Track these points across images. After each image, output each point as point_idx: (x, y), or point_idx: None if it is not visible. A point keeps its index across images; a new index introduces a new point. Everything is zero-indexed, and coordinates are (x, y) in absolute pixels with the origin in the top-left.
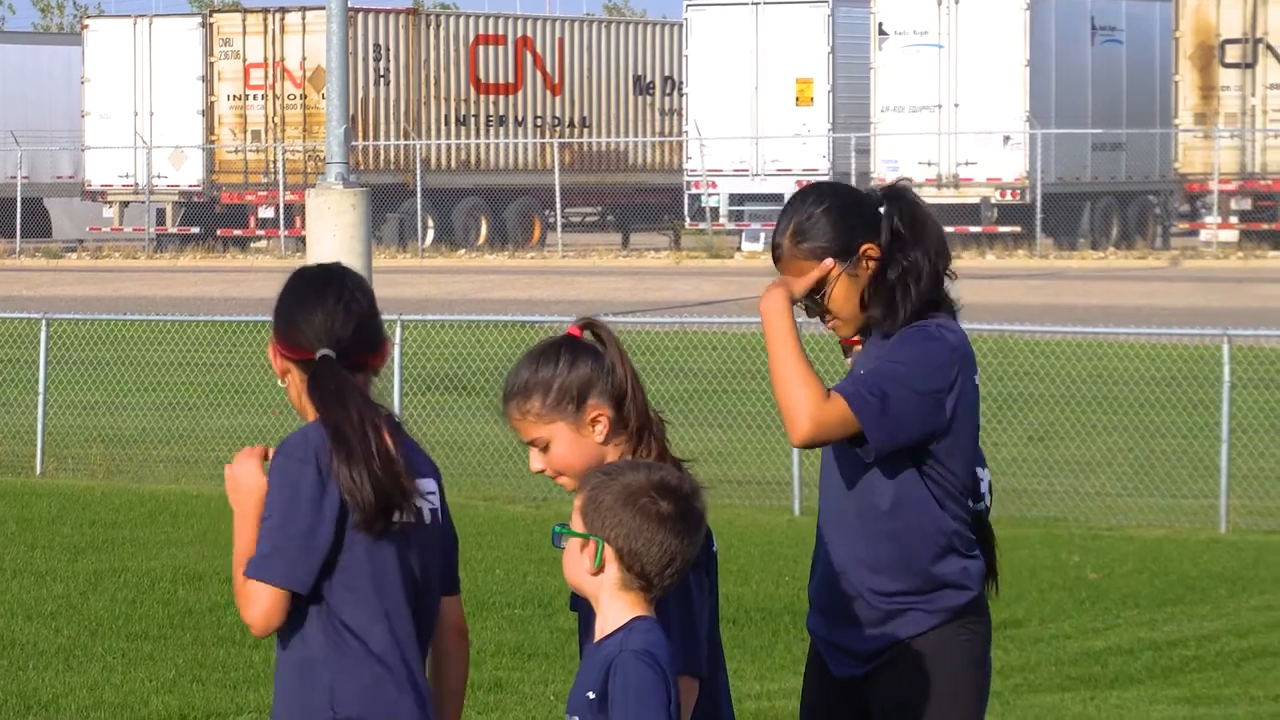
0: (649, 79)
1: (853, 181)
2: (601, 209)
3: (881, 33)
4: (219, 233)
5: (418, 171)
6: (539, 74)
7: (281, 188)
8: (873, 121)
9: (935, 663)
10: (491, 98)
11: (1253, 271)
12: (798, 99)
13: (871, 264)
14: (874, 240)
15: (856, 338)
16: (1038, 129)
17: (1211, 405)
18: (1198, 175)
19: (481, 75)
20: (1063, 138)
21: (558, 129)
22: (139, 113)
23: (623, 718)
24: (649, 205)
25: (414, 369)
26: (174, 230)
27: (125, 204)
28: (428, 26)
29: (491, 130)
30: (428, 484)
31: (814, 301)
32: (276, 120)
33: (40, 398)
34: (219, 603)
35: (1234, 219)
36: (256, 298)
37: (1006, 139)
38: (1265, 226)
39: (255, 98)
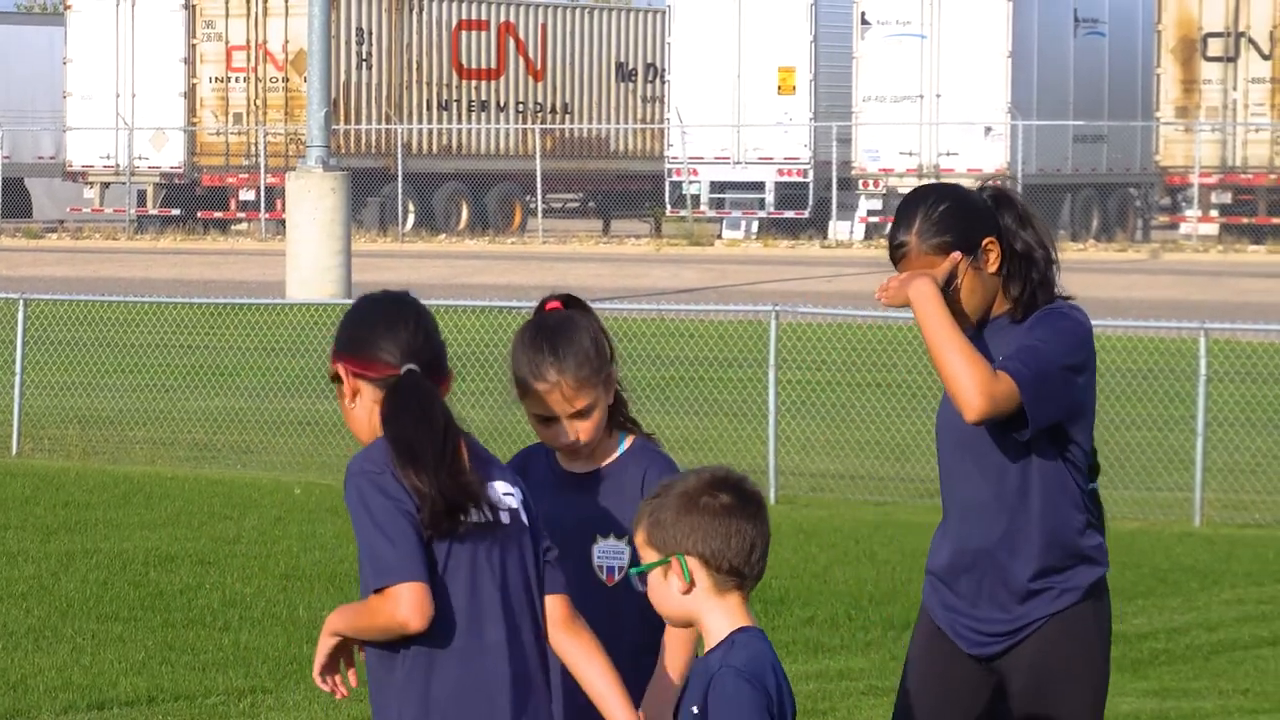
0: (631, 66)
1: (834, 171)
2: (583, 195)
3: (864, 22)
4: (199, 215)
5: (399, 156)
6: (521, 59)
7: (263, 170)
8: (854, 111)
9: (1073, 640)
10: (474, 83)
11: (1232, 265)
12: (780, 87)
13: (992, 258)
14: (993, 234)
15: None
16: (1019, 120)
17: (1188, 398)
18: (1179, 168)
19: (464, 60)
20: (1044, 129)
21: (540, 115)
22: (121, 94)
23: None
24: (630, 192)
25: None
26: (155, 212)
27: (106, 185)
28: (410, 11)
29: (473, 115)
30: (503, 486)
31: (944, 295)
32: (258, 103)
33: (17, 378)
34: (190, 585)
35: (1214, 212)
36: (236, 280)
37: (988, 130)
38: (1245, 220)
39: (237, 80)
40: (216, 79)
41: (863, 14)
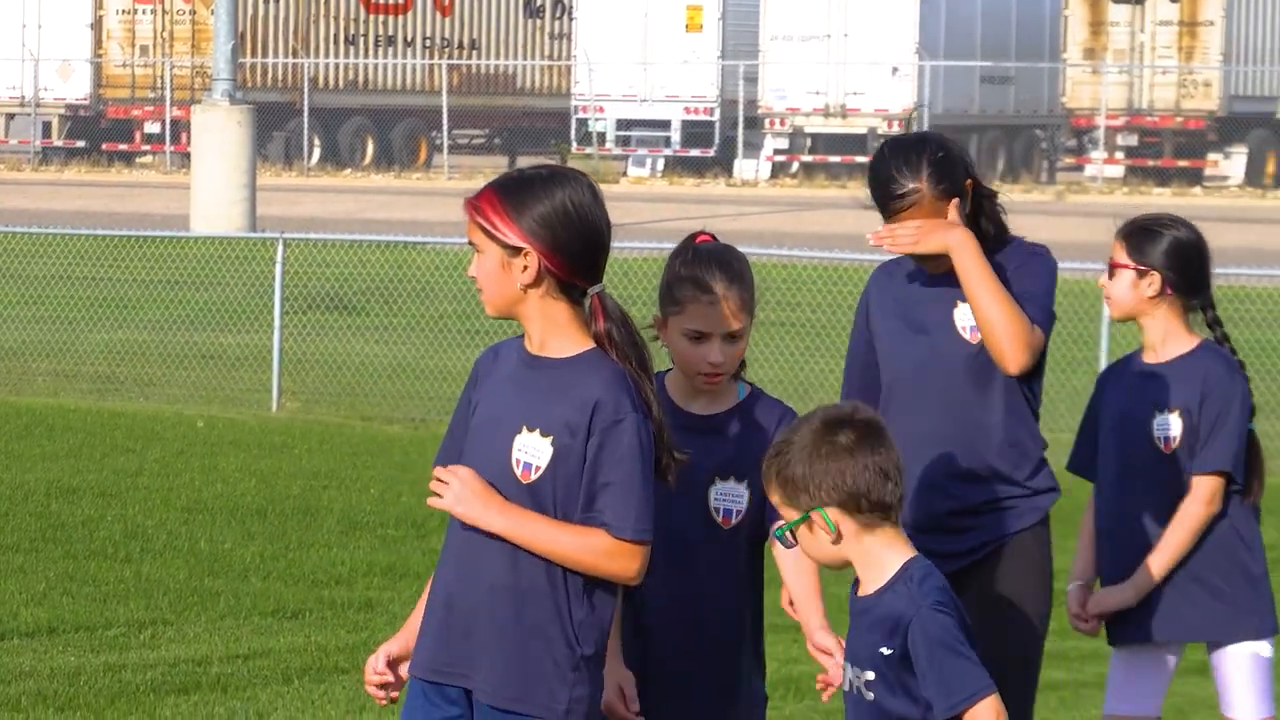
0: (539, 2)
1: (740, 109)
2: (489, 132)
3: None
4: (104, 147)
5: (305, 90)
6: None
7: (168, 103)
8: (762, 50)
9: (1030, 557)
10: (381, 18)
11: (1137, 207)
12: (687, 25)
13: (969, 199)
14: (971, 176)
15: None
16: (926, 61)
17: (1091, 340)
18: (1085, 110)
19: None
20: (951, 70)
21: (447, 50)
22: (26, 25)
23: (938, 674)
24: (536, 129)
25: (296, 288)
26: (59, 144)
27: (11, 116)
28: None
29: (380, 50)
30: None
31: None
32: (165, 35)
33: None
34: (91, 516)
35: (1120, 155)
36: (141, 213)
37: (895, 70)
38: (1151, 163)
39: (144, 12)
40: (123, 11)
41: None
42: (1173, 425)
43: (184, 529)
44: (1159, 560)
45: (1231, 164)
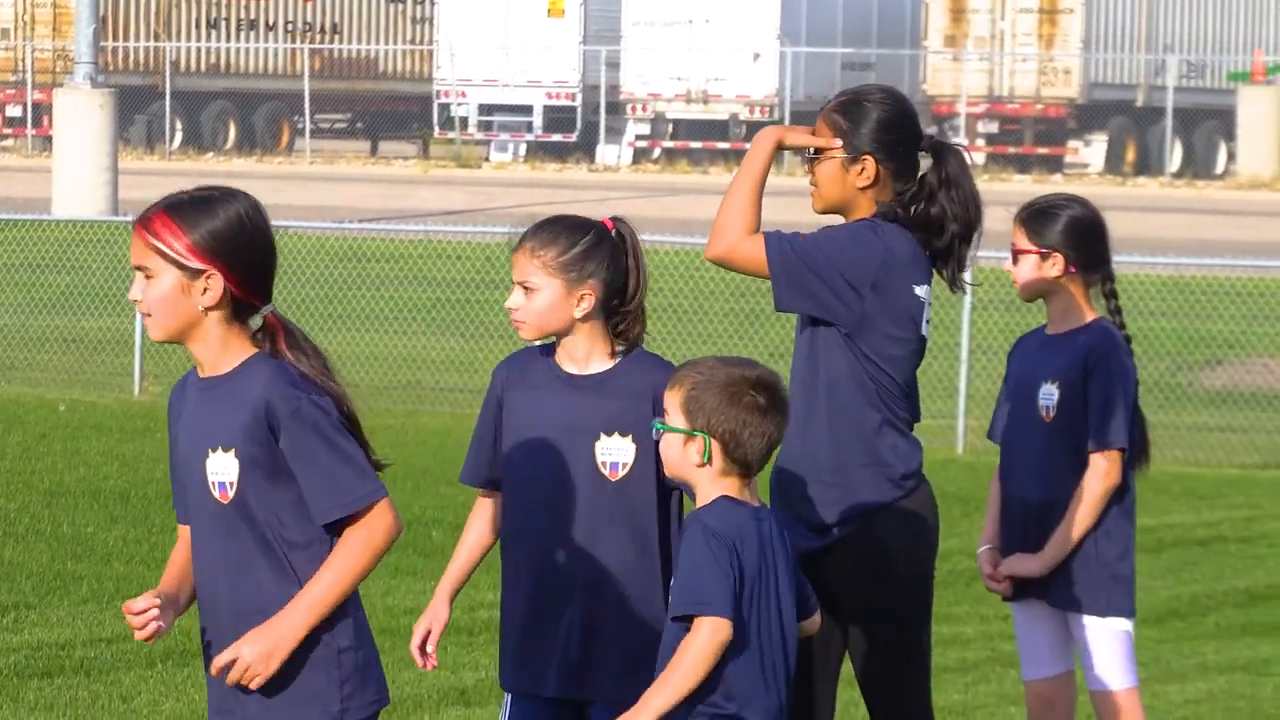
0: None
1: (602, 95)
2: (350, 116)
3: None
4: None
5: (167, 74)
6: None
7: (29, 87)
8: (623, 35)
9: (891, 536)
10: (243, 2)
11: (997, 194)
12: (549, 10)
13: (863, 173)
14: (882, 162)
15: None
16: (788, 47)
17: (952, 326)
18: (946, 97)
19: None
20: (813, 56)
21: (309, 34)
22: None
23: (677, 577)
24: (398, 113)
25: None
26: None
27: None
28: None
29: (242, 34)
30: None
31: (811, 161)
32: (26, 19)
33: None
34: None
35: (980, 141)
36: (2, 196)
37: (756, 56)
38: (1011, 150)
39: None
40: None
41: None
42: (1054, 395)
43: (46, 513)
44: (1064, 534)
45: (1091, 151)
